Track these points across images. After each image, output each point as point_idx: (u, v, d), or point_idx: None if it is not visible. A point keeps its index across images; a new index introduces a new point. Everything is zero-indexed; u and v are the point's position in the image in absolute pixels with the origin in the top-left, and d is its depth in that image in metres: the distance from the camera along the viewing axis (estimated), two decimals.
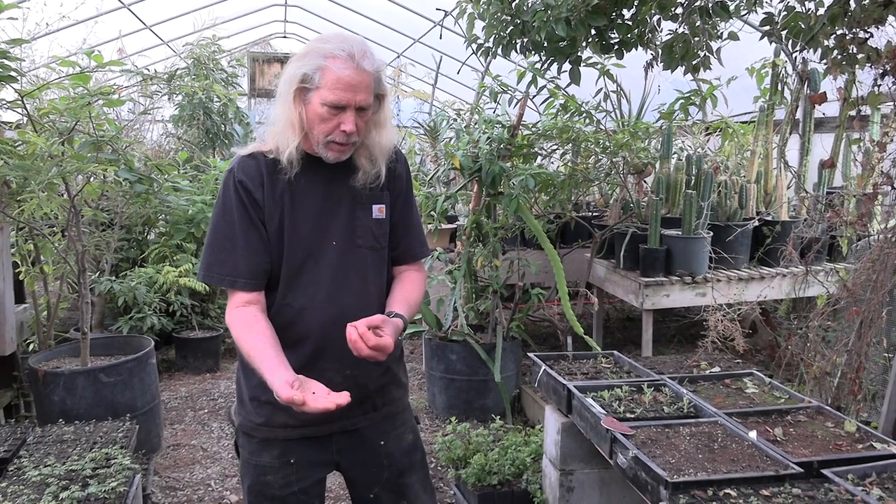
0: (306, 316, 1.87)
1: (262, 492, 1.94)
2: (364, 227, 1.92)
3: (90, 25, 7.01)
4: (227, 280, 1.84)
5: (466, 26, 3.83)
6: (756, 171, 5.18)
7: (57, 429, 3.06)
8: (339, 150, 1.81)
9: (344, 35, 1.80)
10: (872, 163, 3.44)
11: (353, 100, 1.73)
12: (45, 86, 3.88)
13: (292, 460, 1.93)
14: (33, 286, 4.36)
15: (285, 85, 1.79)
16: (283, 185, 1.84)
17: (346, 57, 1.71)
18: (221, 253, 1.85)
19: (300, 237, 1.85)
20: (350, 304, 1.89)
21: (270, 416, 1.91)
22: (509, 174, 4.42)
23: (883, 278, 2.78)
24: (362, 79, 1.73)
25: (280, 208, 1.84)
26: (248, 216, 1.83)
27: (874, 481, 1.98)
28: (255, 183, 1.83)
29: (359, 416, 1.97)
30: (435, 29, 8.54)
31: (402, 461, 2.05)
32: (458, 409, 4.49)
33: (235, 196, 1.83)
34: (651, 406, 2.61)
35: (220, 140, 7.90)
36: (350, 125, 1.75)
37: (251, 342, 1.78)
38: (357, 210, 1.91)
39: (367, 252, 1.92)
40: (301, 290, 1.87)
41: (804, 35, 2.99)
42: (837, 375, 3.07)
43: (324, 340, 1.88)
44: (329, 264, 1.88)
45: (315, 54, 1.75)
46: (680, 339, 5.94)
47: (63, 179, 3.67)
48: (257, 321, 1.83)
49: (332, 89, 1.72)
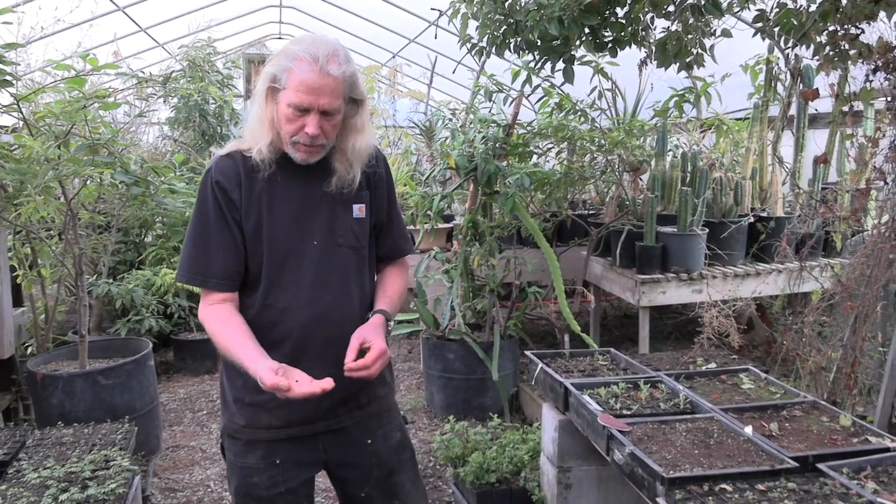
0: (289, 315, 1.88)
1: (249, 493, 1.94)
2: (344, 227, 1.93)
3: (85, 29, 7.00)
4: (199, 279, 1.88)
5: (460, 26, 3.84)
6: (751, 167, 5.20)
7: (56, 431, 3.07)
8: (305, 150, 1.83)
9: (316, 38, 1.80)
10: (865, 158, 3.45)
11: (316, 103, 1.75)
12: (41, 89, 3.88)
13: (277, 461, 1.93)
14: (31, 289, 4.37)
15: (260, 83, 1.83)
16: (262, 184, 1.86)
17: (310, 60, 1.73)
18: (195, 251, 1.88)
19: (279, 237, 1.87)
20: (332, 302, 1.91)
21: (253, 418, 1.93)
22: (505, 173, 4.43)
23: (877, 273, 2.79)
24: (326, 83, 1.74)
25: (258, 208, 1.86)
26: (222, 217, 1.85)
27: (869, 475, 2.00)
28: (231, 183, 1.85)
29: (344, 414, 1.98)
30: (430, 29, 8.55)
31: (392, 460, 2.06)
32: (456, 408, 4.50)
33: (212, 196, 1.86)
34: (647, 403, 2.62)
35: (216, 142, 7.90)
36: (313, 128, 1.77)
37: (228, 336, 1.83)
38: (337, 209, 1.93)
39: (349, 251, 1.94)
40: (283, 290, 1.88)
41: (796, 31, 3.01)
42: (833, 370, 3.08)
43: (306, 340, 1.89)
44: (310, 263, 1.89)
45: (284, 56, 1.78)
46: (677, 335, 5.96)
47: (59, 183, 3.67)
48: (232, 316, 1.87)
49: (295, 91, 1.75)
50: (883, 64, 2.62)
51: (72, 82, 3.58)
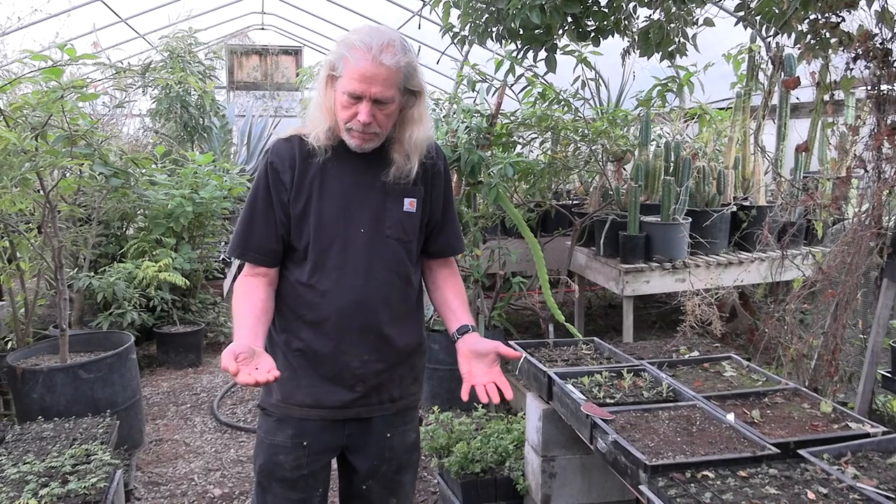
0: (329, 299, 1.93)
1: (273, 472, 1.99)
2: (393, 219, 1.97)
3: (63, 19, 6.90)
4: (239, 251, 1.96)
5: (442, 15, 3.82)
6: (734, 156, 5.22)
7: (36, 426, 3.05)
8: (359, 137, 1.87)
9: (374, 28, 1.87)
10: (846, 147, 3.47)
11: (368, 91, 1.79)
12: (17, 80, 3.82)
13: (305, 442, 1.98)
14: (10, 283, 4.31)
15: (322, 71, 1.89)
16: (316, 169, 1.92)
17: (364, 49, 1.77)
18: (241, 226, 1.96)
19: (327, 221, 1.92)
20: (373, 291, 1.95)
21: (288, 394, 1.98)
22: (488, 163, 4.42)
23: (857, 261, 2.81)
24: (378, 72, 1.77)
25: (309, 191, 1.92)
26: (269, 196, 1.93)
27: (849, 460, 2.01)
28: (284, 165, 1.92)
29: (375, 405, 2.02)
30: (414, 19, 8.51)
31: (402, 458, 2.10)
32: (440, 399, 4.50)
33: (264, 176, 1.94)
34: (631, 391, 2.63)
35: (198, 133, 7.84)
36: (364, 115, 1.81)
37: (239, 307, 1.91)
38: (387, 201, 1.96)
39: (395, 243, 1.98)
40: (327, 273, 1.93)
41: (777, 20, 3.01)
42: (814, 357, 3.10)
43: (344, 324, 1.94)
44: (355, 251, 1.93)
45: (343, 44, 1.83)
46: (661, 324, 5.99)
47: (37, 175, 3.62)
48: (256, 290, 1.93)
49: (349, 79, 1.80)
50: (863, 52, 2.62)
51: (49, 73, 3.53)
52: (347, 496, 2.15)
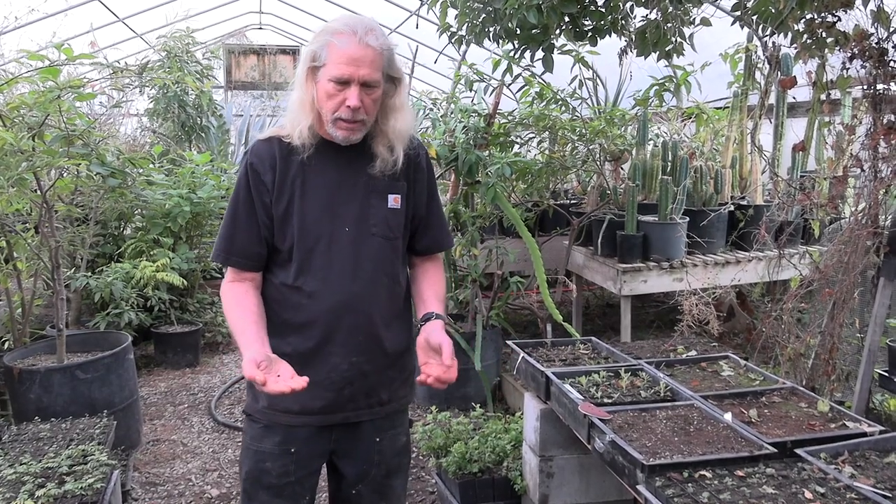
0: (316, 300, 1.89)
1: (260, 479, 1.96)
2: (378, 216, 1.93)
3: (60, 19, 6.89)
4: (222, 256, 1.92)
5: (440, 14, 3.81)
6: (731, 155, 5.22)
7: (33, 426, 3.04)
8: (346, 127, 1.84)
9: (351, 15, 1.87)
10: (843, 146, 3.47)
11: (356, 74, 1.76)
12: (14, 80, 3.81)
13: (293, 449, 1.95)
14: (7, 283, 4.30)
15: (300, 67, 1.86)
16: (297, 168, 1.89)
17: (349, 32, 1.77)
18: (224, 230, 1.93)
19: (311, 221, 1.89)
20: (360, 291, 1.91)
21: (273, 400, 1.91)
22: (486, 163, 4.42)
23: (854, 259, 2.81)
24: (365, 53, 1.76)
25: (291, 191, 1.88)
26: (250, 198, 1.90)
27: (846, 459, 2.01)
28: (265, 165, 1.89)
29: (364, 408, 1.98)
30: (411, 18, 8.50)
31: (392, 462, 2.07)
32: (438, 399, 4.50)
33: (244, 178, 1.90)
34: (628, 391, 2.63)
35: (195, 133, 7.82)
36: (354, 100, 1.78)
37: (235, 316, 1.86)
38: (372, 198, 1.93)
39: (381, 241, 1.94)
40: (312, 275, 1.89)
41: (774, 19, 3.01)
42: (811, 356, 3.10)
43: (332, 326, 1.90)
44: (341, 250, 1.90)
45: (323, 33, 1.81)
46: (659, 324, 5.99)
47: (34, 175, 3.62)
48: (246, 296, 1.89)
49: (336, 64, 1.77)
50: (859, 52, 2.63)
51: (46, 72, 3.52)
52: (336, 501, 2.11)
